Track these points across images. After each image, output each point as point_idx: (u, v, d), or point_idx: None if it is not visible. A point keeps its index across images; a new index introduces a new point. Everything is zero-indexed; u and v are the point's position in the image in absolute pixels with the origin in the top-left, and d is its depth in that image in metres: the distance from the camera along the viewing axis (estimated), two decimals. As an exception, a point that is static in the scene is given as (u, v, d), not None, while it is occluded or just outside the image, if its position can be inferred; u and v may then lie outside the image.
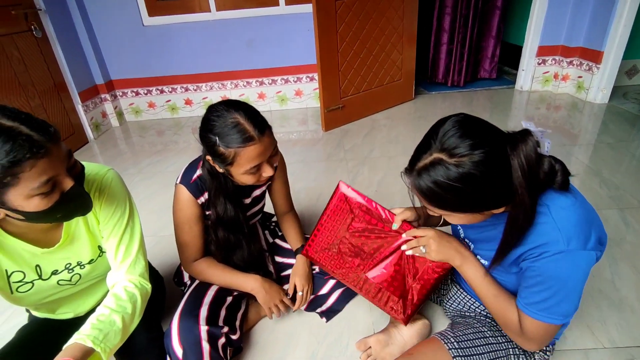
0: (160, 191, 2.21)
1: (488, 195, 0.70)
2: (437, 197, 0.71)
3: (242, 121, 0.91)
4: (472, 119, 0.72)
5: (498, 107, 3.12)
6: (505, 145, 0.68)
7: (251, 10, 3.05)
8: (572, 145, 2.37)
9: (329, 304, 1.26)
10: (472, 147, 0.66)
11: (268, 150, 0.96)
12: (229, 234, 1.11)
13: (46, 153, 0.65)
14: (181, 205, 1.06)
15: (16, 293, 0.86)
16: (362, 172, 2.23)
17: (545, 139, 0.72)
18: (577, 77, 3.14)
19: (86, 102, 3.00)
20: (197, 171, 1.06)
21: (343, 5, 2.55)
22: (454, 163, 0.67)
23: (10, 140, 0.61)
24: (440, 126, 0.72)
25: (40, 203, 0.67)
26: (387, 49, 2.97)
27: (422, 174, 0.71)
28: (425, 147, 0.72)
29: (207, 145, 0.94)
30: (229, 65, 3.25)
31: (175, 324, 0.98)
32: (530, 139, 0.68)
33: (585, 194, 1.80)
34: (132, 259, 0.90)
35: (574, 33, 3.06)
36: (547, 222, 0.71)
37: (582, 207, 0.74)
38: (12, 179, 0.62)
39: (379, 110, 3.18)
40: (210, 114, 0.94)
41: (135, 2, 2.98)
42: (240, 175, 0.97)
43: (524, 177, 0.67)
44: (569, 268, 0.70)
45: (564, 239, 0.69)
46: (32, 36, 2.53)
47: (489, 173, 0.67)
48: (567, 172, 0.74)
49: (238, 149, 0.91)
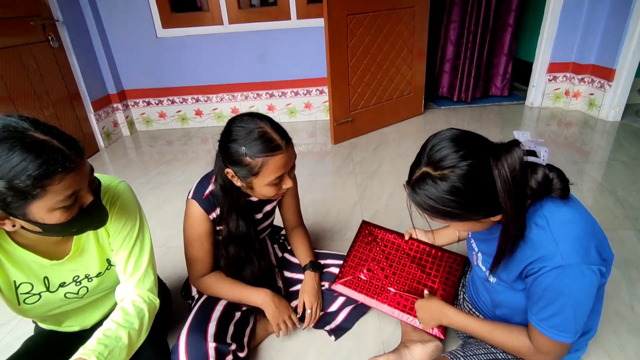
0: (169, 201, 2.21)
1: (477, 205, 0.72)
2: (431, 208, 0.73)
3: (269, 130, 0.91)
4: (460, 132, 0.73)
5: (508, 123, 3.10)
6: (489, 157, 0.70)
7: (263, 23, 3.09)
8: (584, 162, 2.34)
9: (338, 322, 1.24)
10: (456, 160, 0.69)
11: (291, 161, 0.97)
12: (239, 250, 1.10)
13: (75, 168, 0.66)
14: (192, 221, 1.05)
15: (23, 305, 0.85)
16: (371, 186, 2.22)
17: (542, 148, 0.72)
18: (588, 95, 3.12)
19: (98, 112, 3.04)
20: (210, 186, 1.05)
21: (354, 20, 2.58)
22: (438, 176, 0.70)
23: (44, 154, 0.62)
24: (429, 141, 0.75)
25: (61, 216, 0.68)
26: (397, 63, 2.98)
27: (414, 187, 0.74)
28: (416, 161, 0.76)
29: (231, 156, 0.92)
30: (239, 77, 3.28)
31: (182, 340, 0.97)
32: (516, 150, 0.68)
33: (600, 213, 1.78)
34: (141, 273, 0.89)
35: (585, 50, 3.05)
36: (545, 235, 0.72)
37: (584, 221, 0.73)
38: (41, 191, 0.63)
39: (388, 124, 3.18)
40: (233, 125, 0.93)
41: (150, 14, 3.04)
42: (262, 187, 0.96)
43: (507, 187, 0.68)
44: (569, 283, 0.70)
45: (561, 254, 0.69)
46: (48, 46, 2.58)
47: (473, 185, 0.68)
48: (565, 180, 0.74)
49: (265, 158, 0.90)
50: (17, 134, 0.61)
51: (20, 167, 0.60)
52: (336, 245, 1.72)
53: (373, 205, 2.02)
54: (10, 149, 0.60)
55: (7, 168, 0.60)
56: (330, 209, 2.00)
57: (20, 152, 0.60)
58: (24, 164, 0.60)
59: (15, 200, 0.63)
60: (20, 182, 0.61)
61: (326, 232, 1.82)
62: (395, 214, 1.92)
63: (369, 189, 2.18)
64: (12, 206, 0.63)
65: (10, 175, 0.60)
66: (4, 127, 0.62)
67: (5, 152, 0.60)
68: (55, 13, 2.63)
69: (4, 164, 0.60)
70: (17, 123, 0.63)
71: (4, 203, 0.63)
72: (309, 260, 1.24)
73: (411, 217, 0.81)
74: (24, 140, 0.61)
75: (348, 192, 2.17)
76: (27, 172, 0.60)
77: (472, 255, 0.98)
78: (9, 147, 0.60)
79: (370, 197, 2.10)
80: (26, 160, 0.60)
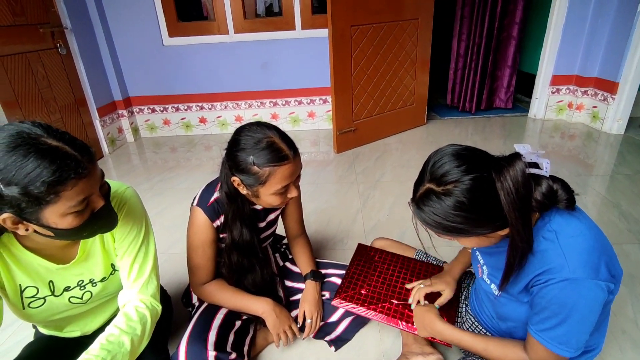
0: (171, 208, 2.22)
1: (482, 220, 0.71)
2: (437, 224, 0.73)
3: (277, 140, 0.92)
4: (461, 147, 0.74)
5: (512, 135, 3.11)
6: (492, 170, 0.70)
7: (268, 33, 3.13)
8: (588, 175, 2.33)
9: (338, 332, 1.23)
10: (459, 175, 0.69)
11: (298, 171, 0.98)
12: (242, 258, 1.10)
13: (87, 174, 0.67)
14: (197, 228, 1.06)
15: (28, 309, 0.86)
16: (373, 195, 2.22)
17: (544, 160, 0.73)
18: (591, 107, 3.12)
19: (104, 118, 3.07)
20: (215, 194, 1.06)
21: (358, 31, 2.61)
22: (442, 192, 0.70)
23: (58, 160, 0.63)
24: (431, 157, 0.75)
25: (74, 221, 0.69)
26: (401, 74, 3.01)
27: (419, 204, 0.74)
28: (419, 179, 0.76)
29: (239, 165, 0.93)
30: (244, 85, 3.31)
31: (183, 348, 0.96)
32: (518, 162, 0.68)
33: (604, 226, 1.77)
34: (145, 279, 0.89)
35: (588, 63, 3.06)
36: (553, 248, 0.71)
37: (593, 237, 0.73)
38: (54, 197, 0.64)
39: (391, 134, 3.19)
40: (241, 134, 0.94)
41: (157, 23, 3.09)
42: (267, 196, 0.97)
43: (511, 200, 0.67)
44: (575, 297, 0.69)
45: (569, 267, 0.69)
46: (57, 53, 2.62)
47: (477, 199, 0.68)
48: (570, 190, 0.74)
49: (273, 167, 0.91)
50: (31, 140, 0.63)
51: (35, 174, 0.61)
52: (338, 254, 1.71)
53: (375, 215, 2.01)
54: (24, 155, 0.61)
55: (22, 174, 0.61)
56: (332, 218, 2.00)
57: (35, 158, 0.61)
58: (38, 170, 0.61)
59: (30, 206, 0.64)
60: (34, 188, 0.61)
61: (328, 241, 1.82)
62: (397, 224, 1.92)
63: (371, 199, 2.18)
64: (26, 211, 0.65)
65: (25, 181, 0.61)
66: (18, 133, 0.63)
67: (20, 159, 0.61)
68: (64, 21, 2.67)
69: (18, 171, 0.61)
70: (30, 129, 0.64)
71: (19, 208, 0.64)
72: (310, 270, 1.24)
73: (418, 234, 0.80)
74: (38, 147, 0.62)
75: (350, 201, 2.17)
76: (41, 178, 0.61)
77: (477, 268, 0.97)
78: (24, 153, 0.61)
79: (372, 207, 2.09)
80: (40, 166, 0.61)
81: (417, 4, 2.85)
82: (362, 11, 2.57)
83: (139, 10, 3.03)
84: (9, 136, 0.62)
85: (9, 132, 0.63)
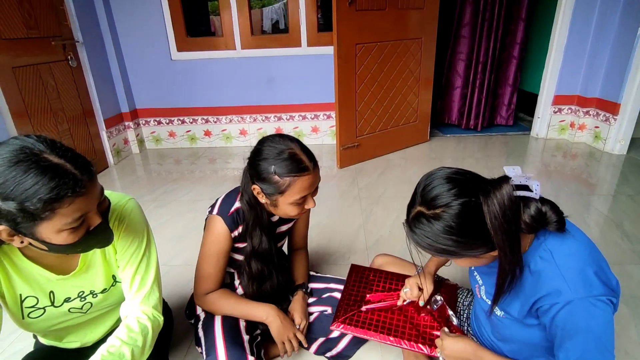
0: (174, 220, 2.22)
1: (472, 243, 0.72)
2: (429, 246, 0.74)
3: (298, 152, 0.96)
4: (452, 170, 0.75)
5: (514, 154, 3.12)
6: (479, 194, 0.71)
7: (274, 49, 3.19)
8: (590, 195, 2.33)
9: (339, 349, 1.21)
10: (448, 199, 0.70)
11: (316, 182, 1.01)
12: (262, 266, 1.12)
13: (85, 192, 0.67)
14: (214, 237, 1.07)
15: (27, 318, 0.86)
16: (375, 211, 2.22)
17: (534, 182, 0.72)
18: (594, 127, 3.14)
19: (110, 129, 3.11)
20: (235, 203, 1.07)
21: (363, 49, 2.66)
22: (431, 215, 0.71)
23: (56, 177, 0.63)
24: (423, 180, 0.77)
25: (68, 237, 0.69)
26: (404, 91, 3.05)
27: (411, 226, 0.76)
28: (411, 201, 0.78)
29: (260, 174, 0.96)
30: (249, 100, 3.36)
31: (222, 353, 0.99)
32: (505, 186, 0.69)
33: (607, 247, 1.76)
34: (146, 290, 0.90)
35: (590, 84, 3.10)
36: (550, 269, 0.72)
37: (588, 252, 0.73)
38: (50, 214, 0.64)
39: (394, 150, 3.21)
40: (264, 144, 0.98)
41: (166, 37, 3.16)
42: (286, 206, 0.99)
43: (498, 224, 0.68)
44: (585, 317, 0.68)
45: (571, 288, 0.69)
46: (67, 66, 2.68)
47: (466, 223, 0.70)
48: (559, 212, 0.74)
49: (293, 178, 0.94)
50: (33, 156, 0.63)
51: (32, 190, 0.62)
52: (339, 269, 1.71)
53: (377, 231, 2.01)
54: (25, 171, 0.62)
55: (19, 190, 0.62)
56: (334, 233, 2.00)
57: (34, 175, 0.62)
58: (36, 187, 0.62)
59: (25, 221, 0.64)
60: (30, 205, 0.62)
61: (330, 256, 1.82)
62: (399, 240, 1.91)
63: (373, 214, 2.18)
64: (21, 226, 0.65)
65: (22, 197, 0.62)
66: (22, 148, 0.64)
67: (20, 174, 0.62)
68: (76, 34, 2.74)
69: (17, 186, 0.61)
70: (33, 145, 0.65)
71: (14, 222, 0.65)
72: (303, 282, 1.27)
73: (411, 254, 0.81)
74: (39, 164, 0.63)
75: (352, 216, 2.17)
76: (38, 195, 0.62)
77: (475, 288, 0.97)
78: (24, 169, 0.62)
79: (375, 222, 2.09)
80: (38, 183, 0.62)
81: (421, 24, 2.91)
82: (367, 30, 2.63)
83: (149, 25, 3.10)
84: (12, 151, 0.63)
85: (13, 147, 0.64)
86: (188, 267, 1.75)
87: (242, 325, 1.11)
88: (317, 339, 1.22)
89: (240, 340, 1.04)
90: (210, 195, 2.48)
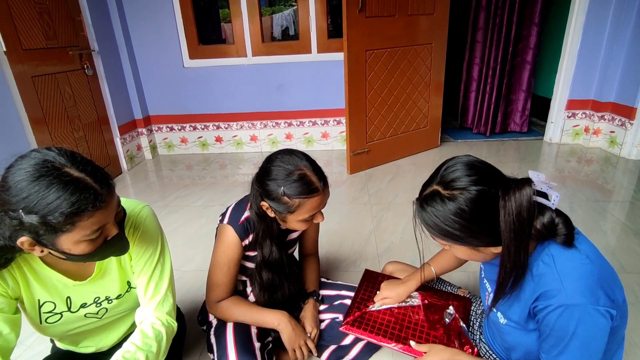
0: (185, 225, 2.25)
1: (478, 232, 0.73)
2: (435, 225, 0.75)
3: (309, 173, 0.95)
4: (476, 159, 0.76)
5: (527, 159, 3.08)
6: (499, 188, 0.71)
7: (285, 56, 3.22)
8: (606, 201, 2.28)
9: (351, 356, 1.20)
10: (467, 183, 0.71)
11: (326, 200, 1.01)
12: (273, 275, 1.12)
13: (105, 205, 0.69)
14: (225, 246, 1.07)
15: (45, 323, 0.87)
16: (386, 217, 2.21)
17: (554, 192, 0.72)
18: (609, 132, 3.08)
19: (124, 135, 3.17)
20: (245, 212, 1.08)
21: (373, 55, 2.66)
22: (447, 195, 0.72)
23: (78, 192, 0.65)
24: (445, 162, 0.77)
25: (86, 248, 0.72)
26: (414, 96, 3.04)
27: (423, 204, 0.76)
28: (429, 180, 0.79)
29: (269, 193, 0.96)
30: (260, 106, 3.39)
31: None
32: (527, 188, 0.69)
33: (624, 254, 1.73)
34: (161, 297, 0.91)
35: (604, 88, 3.05)
36: (550, 272, 0.72)
37: (591, 262, 0.72)
38: (70, 227, 0.67)
39: (404, 156, 3.20)
40: (273, 163, 0.97)
41: (179, 45, 3.22)
42: (294, 222, 1.00)
43: (509, 220, 0.69)
44: (574, 324, 0.68)
45: (566, 292, 0.69)
46: (83, 74, 2.75)
47: (478, 211, 0.70)
48: (570, 227, 0.74)
49: (303, 199, 0.94)
50: (55, 170, 0.65)
51: (54, 205, 0.64)
52: (350, 276, 1.70)
53: (388, 237, 2.00)
54: (47, 186, 0.64)
55: (42, 205, 0.64)
56: (345, 240, 2.00)
57: (56, 190, 0.64)
58: (58, 202, 0.64)
59: (47, 233, 0.67)
60: (53, 219, 0.64)
61: (340, 262, 1.81)
62: (410, 247, 1.90)
63: (384, 221, 2.17)
64: (42, 237, 0.68)
65: (44, 211, 0.64)
66: (44, 162, 0.66)
67: (43, 189, 0.64)
68: (92, 44, 2.81)
69: (40, 201, 0.63)
70: (54, 158, 0.67)
71: (36, 234, 0.67)
72: (314, 289, 1.27)
73: (416, 235, 0.81)
74: (61, 178, 0.65)
75: (363, 222, 2.17)
76: (60, 209, 0.64)
77: (485, 296, 0.96)
78: (47, 184, 0.64)
79: (385, 229, 2.08)
80: (60, 198, 0.64)
81: (431, 30, 2.91)
82: (377, 36, 2.64)
83: (162, 34, 3.17)
84: (34, 165, 0.65)
85: (35, 160, 0.66)
86: (200, 272, 1.77)
87: (254, 333, 1.11)
88: (328, 347, 1.22)
89: (252, 347, 1.04)
90: (222, 200, 2.50)
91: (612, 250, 1.79)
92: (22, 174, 0.64)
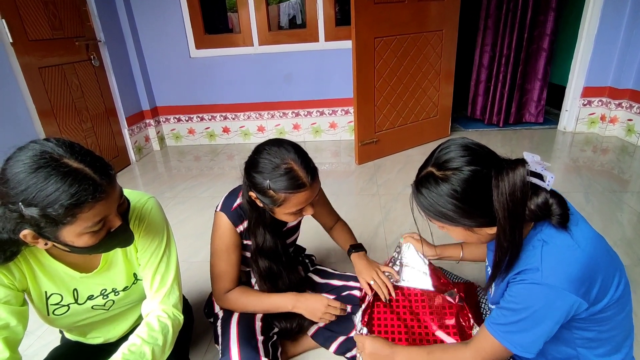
0: (194, 216, 2.25)
1: (471, 212, 0.73)
2: (429, 206, 0.76)
3: (296, 167, 0.91)
4: (471, 141, 0.76)
5: (540, 148, 3.01)
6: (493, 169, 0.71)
7: (292, 45, 3.17)
8: (623, 192, 2.22)
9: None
10: (460, 164, 0.71)
11: (314, 195, 0.97)
12: (270, 263, 1.10)
13: (105, 196, 0.68)
14: (220, 232, 1.07)
15: (52, 315, 0.87)
16: (395, 208, 2.18)
17: (548, 173, 0.72)
18: (626, 120, 2.99)
19: (132, 127, 3.17)
20: (238, 199, 1.07)
21: (382, 42, 2.60)
22: (440, 176, 0.73)
23: (76, 183, 0.64)
24: (442, 144, 0.78)
25: (89, 240, 0.70)
26: (424, 85, 2.98)
27: (418, 186, 0.77)
28: (425, 162, 0.80)
29: (255, 185, 0.94)
30: (267, 96, 3.36)
31: (235, 353, 0.98)
32: (520, 168, 0.69)
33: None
34: (167, 289, 0.90)
35: (623, 74, 2.94)
36: (533, 253, 0.73)
37: (583, 251, 0.70)
38: (71, 219, 0.65)
39: (414, 146, 3.15)
40: (260, 155, 0.93)
41: (185, 35, 3.19)
42: (282, 215, 0.98)
43: (503, 200, 0.69)
44: (540, 301, 0.70)
45: (543, 271, 0.69)
46: (90, 65, 2.74)
47: (472, 191, 0.71)
48: (565, 207, 0.73)
49: (289, 194, 0.91)
50: (53, 162, 0.64)
51: (54, 197, 0.62)
52: (358, 268, 1.68)
53: (397, 228, 1.97)
54: (46, 178, 0.62)
55: (41, 197, 0.62)
56: (354, 230, 1.95)
57: (55, 181, 0.62)
58: (57, 194, 0.62)
59: (48, 226, 0.65)
60: (52, 211, 0.63)
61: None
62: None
63: (393, 212, 2.14)
64: (44, 230, 0.66)
65: (44, 203, 0.62)
66: (42, 153, 0.64)
67: (41, 181, 0.62)
68: (98, 34, 2.80)
69: (39, 193, 0.62)
70: (53, 149, 0.65)
71: (38, 227, 0.66)
72: (350, 244, 1.27)
73: (414, 219, 0.82)
74: (59, 169, 0.63)
75: (371, 214, 2.14)
76: (59, 201, 0.62)
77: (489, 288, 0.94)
78: (45, 176, 0.62)
79: (394, 220, 2.06)
80: (59, 190, 0.62)
81: (442, 16, 2.83)
82: (386, 23, 2.57)
83: (168, 23, 3.14)
84: (32, 156, 0.64)
85: (33, 152, 0.64)
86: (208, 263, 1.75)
87: (258, 326, 1.10)
88: (337, 338, 1.20)
89: (255, 341, 1.03)
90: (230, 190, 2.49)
91: (628, 242, 1.73)
92: (20, 166, 0.63)
